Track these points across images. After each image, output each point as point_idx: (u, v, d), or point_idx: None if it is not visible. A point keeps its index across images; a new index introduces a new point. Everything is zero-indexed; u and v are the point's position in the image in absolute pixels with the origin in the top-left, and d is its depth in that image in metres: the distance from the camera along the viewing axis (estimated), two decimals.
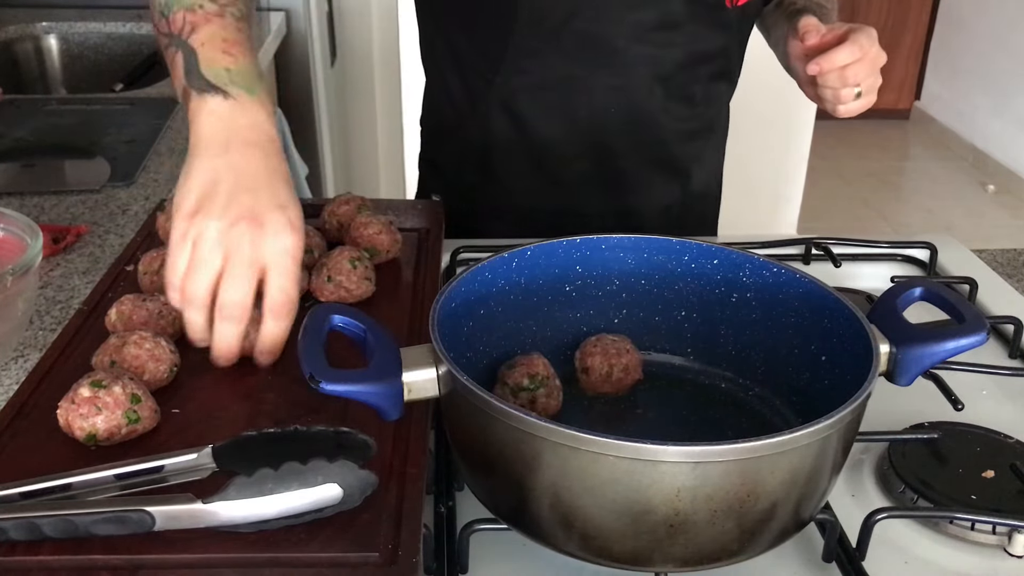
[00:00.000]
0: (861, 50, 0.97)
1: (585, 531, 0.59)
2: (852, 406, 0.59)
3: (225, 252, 0.70)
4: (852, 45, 0.97)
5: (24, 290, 0.80)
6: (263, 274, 0.72)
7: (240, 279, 0.71)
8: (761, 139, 2.76)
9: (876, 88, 1.01)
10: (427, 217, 1.00)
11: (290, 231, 0.72)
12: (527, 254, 0.76)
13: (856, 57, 0.97)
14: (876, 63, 0.99)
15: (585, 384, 0.77)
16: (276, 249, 0.71)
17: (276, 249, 0.71)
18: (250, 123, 0.75)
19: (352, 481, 0.57)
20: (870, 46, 0.98)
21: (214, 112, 0.74)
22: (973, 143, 4.63)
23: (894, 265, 1.08)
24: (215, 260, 0.70)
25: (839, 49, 0.97)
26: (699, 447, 0.55)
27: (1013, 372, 0.88)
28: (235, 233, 0.70)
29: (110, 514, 0.56)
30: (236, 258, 0.71)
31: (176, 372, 0.72)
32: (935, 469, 0.74)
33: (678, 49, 1.07)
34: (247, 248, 0.71)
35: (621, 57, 1.06)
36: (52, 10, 2.09)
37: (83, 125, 1.47)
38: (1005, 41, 4.39)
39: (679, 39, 1.07)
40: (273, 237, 0.71)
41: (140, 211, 1.16)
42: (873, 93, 1.01)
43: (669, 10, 1.04)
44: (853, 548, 0.66)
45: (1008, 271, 1.10)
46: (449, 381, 0.62)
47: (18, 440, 0.65)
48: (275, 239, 0.71)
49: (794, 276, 0.74)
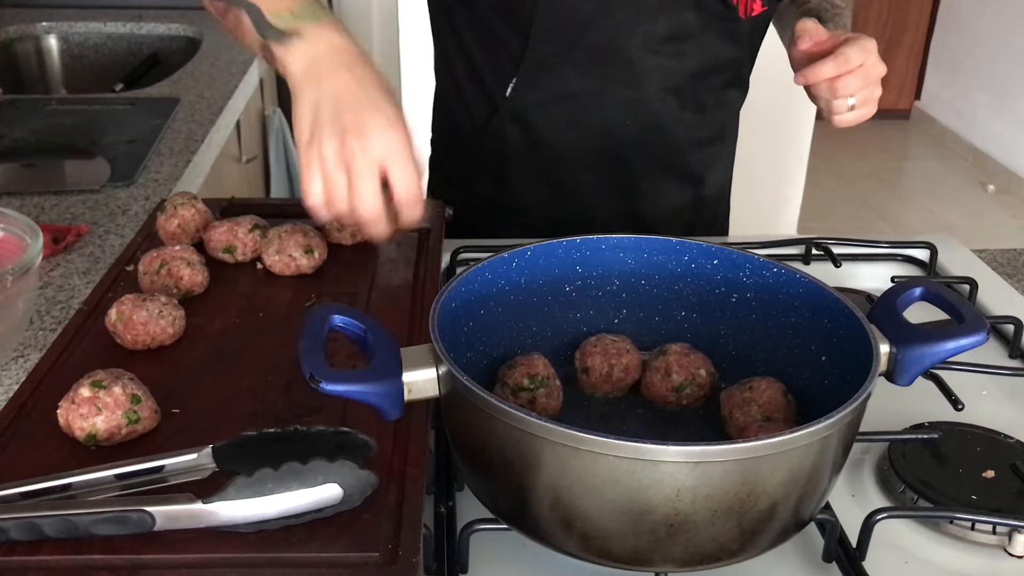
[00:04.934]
0: (847, 63, 0.94)
1: (585, 531, 0.59)
2: (852, 406, 0.59)
3: (345, 167, 0.78)
4: (838, 58, 0.94)
5: (24, 290, 0.80)
6: (384, 172, 0.79)
7: (365, 187, 0.78)
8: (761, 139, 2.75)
9: (873, 100, 0.98)
10: (427, 217, 1.00)
11: (390, 128, 0.79)
12: (527, 254, 0.76)
13: (842, 70, 0.94)
14: (870, 75, 0.96)
15: (585, 384, 0.77)
16: (385, 148, 0.78)
17: (385, 148, 0.78)
18: (327, 47, 0.82)
19: (352, 481, 0.57)
20: (862, 58, 0.95)
21: (295, 52, 0.81)
22: (973, 143, 4.63)
23: (894, 265, 1.08)
24: (340, 177, 0.78)
25: (825, 61, 0.94)
26: (699, 447, 0.55)
27: (1013, 372, 0.88)
28: (347, 149, 0.78)
29: (110, 514, 0.56)
30: (355, 169, 0.78)
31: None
32: (935, 469, 0.74)
33: (691, 60, 1.07)
34: (360, 158, 0.78)
35: (634, 69, 1.06)
36: (52, 10, 2.09)
37: (83, 125, 1.47)
38: (1005, 41, 4.39)
39: (692, 50, 1.06)
40: (379, 139, 0.78)
41: (140, 211, 1.16)
42: (871, 105, 0.98)
43: (682, 21, 1.04)
44: (853, 548, 0.66)
45: (1008, 271, 1.10)
46: (449, 381, 0.62)
47: (18, 440, 0.65)
48: (381, 140, 0.78)
49: (794, 276, 0.74)
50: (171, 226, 0.91)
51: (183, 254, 0.84)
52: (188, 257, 0.84)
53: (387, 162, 0.79)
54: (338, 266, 0.90)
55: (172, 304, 0.77)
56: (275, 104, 2.12)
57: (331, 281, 0.88)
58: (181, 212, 0.91)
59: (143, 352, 0.75)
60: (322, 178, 0.79)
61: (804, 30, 0.98)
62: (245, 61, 1.83)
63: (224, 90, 1.67)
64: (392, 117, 0.79)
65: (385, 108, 0.79)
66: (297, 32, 0.81)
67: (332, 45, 0.82)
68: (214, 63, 1.82)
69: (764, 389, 0.71)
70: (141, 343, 0.75)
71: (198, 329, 0.79)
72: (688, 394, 0.75)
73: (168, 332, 0.76)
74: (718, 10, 1.04)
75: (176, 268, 0.82)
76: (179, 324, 0.77)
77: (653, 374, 0.76)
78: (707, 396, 0.76)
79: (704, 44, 1.07)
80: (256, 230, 0.90)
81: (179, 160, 1.34)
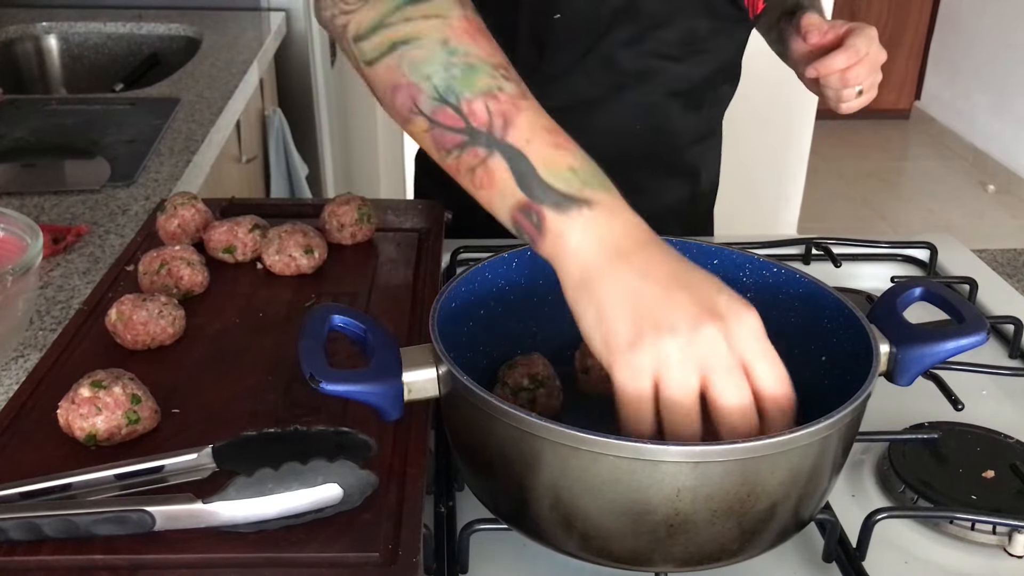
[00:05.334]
0: (858, 54, 0.98)
1: (585, 531, 0.59)
2: (852, 406, 0.59)
3: (699, 366, 0.56)
4: (849, 50, 0.97)
5: (24, 290, 0.80)
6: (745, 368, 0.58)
7: (736, 387, 0.57)
8: (761, 139, 2.76)
9: (876, 85, 1.02)
10: (427, 217, 1.00)
11: (747, 309, 0.58)
12: (527, 254, 0.76)
13: (854, 61, 0.98)
14: (876, 63, 1.00)
15: (585, 384, 0.77)
16: (748, 336, 0.58)
17: (748, 336, 0.58)
18: (624, 225, 0.61)
19: (352, 481, 0.57)
20: (869, 47, 0.98)
21: (586, 225, 0.60)
22: (973, 143, 4.63)
23: (894, 265, 1.08)
24: (692, 382, 0.56)
25: (837, 54, 0.98)
26: (699, 447, 0.55)
27: (1013, 372, 0.88)
28: (703, 339, 0.56)
29: (110, 514, 0.56)
30: (719, 365, 0.56)
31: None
32: (935, 469, 0.74)
33: (704, 65, 1.08)
34: (723, 348, 0.56)
35: (646, 76, 1.06)
36: (52, 10, 2.09)
37: (83, 125, 1.47)
38: (1005, 41, 4.39)
39: (704, 55, 1.07)
40: (738, 325, 0.57)
41: (140, 211, 1.16)
42: (874, 89, 1.02)
43: (694, 27, 1.04)
44: (853, 548, 0.66)
45: (1008, 271, 1.10)
46: (449, 381, 0.62)
47: (18, 440, 0.65)
48: (741, 326, 0.57)
49: (794, 276, 0.74)
50: (171, 226, 0.91)
51: (183, 254, 0.84)
52: (188, 257, 0.84)
53: (752, 356, 0.58)
54: (338, 266, 0.90)
55: (172, 304, 0.77)
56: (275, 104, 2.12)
57: (331, 281, 0.88)
58: (181, 212, 0.91)
59: (143, 352, 0.75)
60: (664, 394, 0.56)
61: (811, 24, 1.01)
62: (245, 61, 1.83)
63: (224, 90, 1.67)
64: (738, 296, 0.59)
65: (724, 286, 0.59)
66: (587, 201, 0.61)
67: (628, 223, 0.62)
68: (214, 63, 1.82)
69: None
70: (141, 343, 0.75)
71: (198, 329, 0.79)
72: None
73: (168, 332, 0.76)
74: (730, 13, 1.05)
75: (176, 268, 0.82)
76: (179, 324, 0.77)
77: None
78: None
79: (715, 48, 1.07)
80: (256, 230, 0.90)
81: (179, 160, 1.34)
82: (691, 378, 0.56)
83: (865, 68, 0.99)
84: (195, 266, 0.84)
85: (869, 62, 0.99)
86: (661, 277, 0.59)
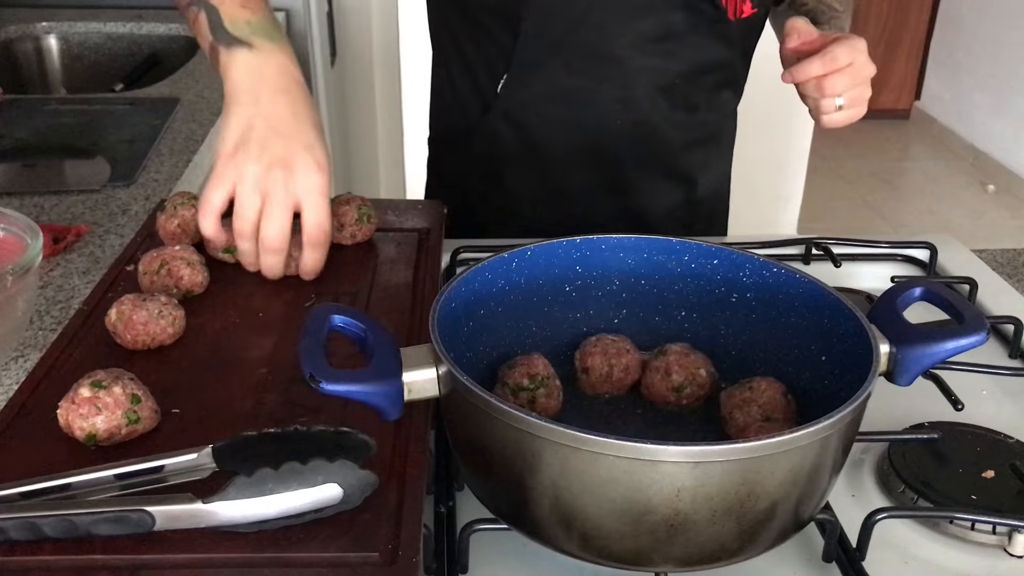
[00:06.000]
0: (835, 62, 0.92)
1: (585, 531, 0.59)
2: (852, 406, 0.59)
3: (262, 193, 0.80)
4: (825, 56, 0.92)
5: (24, 290, 0.80)
6: (297, 208, 0.81)
7: (277, 217, 0.81)
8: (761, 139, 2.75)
9: (863, 100, 0.97)
10: (427, 217, 1.00)
11: (317, 170, 0.81)
12: (527, 254, 0.76)
13: (830, 68, 0.93)
14: (859, 75, 0.94)
15: (585, 384, 0.77)
16: (306, 187, 0.81)
17: (306, 187, 0.81)
18: (276, 70, 0.84)
19: (352, 481, 0.57)
20: (850, 57, 0.93)
21: (242, 63, 0.83)
22: (973, 143, 4.63)
23: (894, 265, 1.08)
24: (255, 200, 0.81)
25: (812, 60, 0.93)
26: (699, 447, 0.55)
27: (1013, 372, 0.88)
28: (270, 177, 0.80)
29: (110, 514, 0.56)
30: (272, 198, 0.80)
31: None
32: (935, 469, 0.74)
33: (681, 60, 1.07)
34: (281, 189, 0.80)
35: (624, 68, 1.06)
36: (52, 10, 2.09)
37: (83, 125, 1.47)
38: (1005, 41, 4.39)
39: (681, 50, 1.06)
40: (303, 177, 0.81)
41: (140, 211, 1.16)
42: (860, 105, 0.97)
43: (670, 21, 1.04)
44: (853, 548, 0.66)
45: (1008, 271, 1.10)
46: (449, 381, 0.62)
47: (18, 440, 0.65)
48: (305, 178, 0.81)
49: (794, 276, 0.74)
50: (171, 226, 0.91)
51: (183, 254, 0.84)
52: (188, 257, 0.84)
53: (304, 202, 0.81)
54: (338, 266, 0.90)
55: (172, 304, 0.77)
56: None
57: (331, 281, 0.88)
58: (181, 212, 0.91)
59: (143, 352, 0.75)
60: (235, 195, 0.81)
61: (793, 28, 0.96)
62: None
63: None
64: (320, 160, 0.82)
65: (316, 149, 0.82)
66: (249, 44, 0.83)
67: (280, 67, 0.84)
68: None
69: (764, 389, 0.71)
70: (141, 343, 0.75)
71: (198, 329, 0.79)
72: (688, 394, 0.75)
73: (168, 332, 0.76)
74: (707, 11, 1.04)
75: (176, 268, 0.82)
76: (179, 324, 0.77)
77: (653, 374, 0.76)
78: (707, 396, 0.76)
79: (693, 44, 1.07)
80: None
81: (179, 160, 1.34)
82: (253, 196, 0.80)
83: (845, 79, 0.93)
84: (195, 266, 0.84)
85: (851, 73, 0.93)
86: (275, 122, 0.81)
